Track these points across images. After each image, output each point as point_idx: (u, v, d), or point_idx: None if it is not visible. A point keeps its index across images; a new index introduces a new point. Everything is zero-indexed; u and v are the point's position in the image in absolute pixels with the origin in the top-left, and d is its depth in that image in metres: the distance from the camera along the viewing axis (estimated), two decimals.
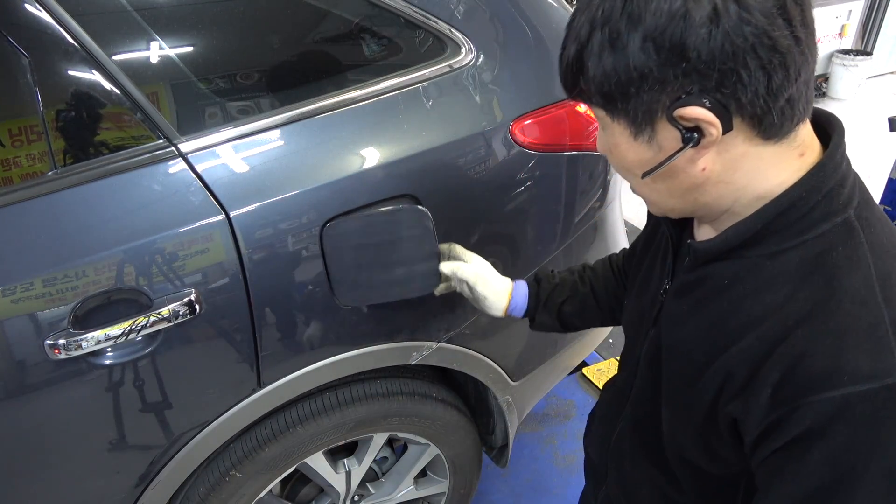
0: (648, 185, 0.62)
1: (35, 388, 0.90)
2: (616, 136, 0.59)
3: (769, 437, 0.55)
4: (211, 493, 1.16)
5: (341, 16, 1.15)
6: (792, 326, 0.54)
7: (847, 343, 0.51)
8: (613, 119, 0.58)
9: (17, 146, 0.93)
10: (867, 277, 0.53)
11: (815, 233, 0.56)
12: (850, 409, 0.50)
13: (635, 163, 0.60)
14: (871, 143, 4.62)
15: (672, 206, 0.63)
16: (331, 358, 1.13)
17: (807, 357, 0.52)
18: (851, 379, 0.50)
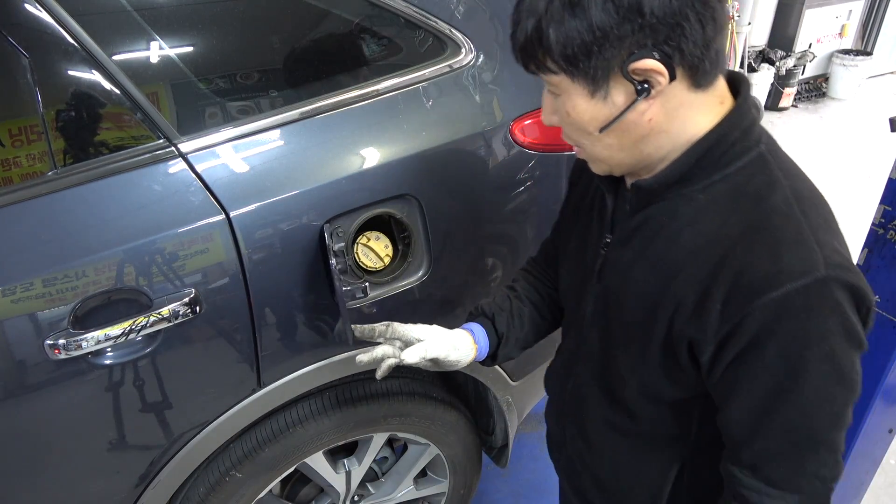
0: (601, 142, 0.67)
1: (35, 388, 0.90)
2: (574, 98, 0.64)
3: (724, 350, 0.63)
4: (211, 493, 1.16)
5: (341, 16, 1.15)
6: (729, 246, 0.62)
7: (779, 250, 0.60)
8: (574, 81, 0.63)
9: (17, 146, 0.93)
10: (785, 196, 0.63)
11: (737, 165, 0.66)
12: (790, 303, 0.58)
13: (592, 121, 0.65)
14: (871, 143, 4.62)
15: (620, 160, 0.69)
16: (331, 358, 1.13)
17: (747, 269, 0.61)
18: (788, 278, 0.58)
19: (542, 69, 0.64)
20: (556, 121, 0.70)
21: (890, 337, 1.19)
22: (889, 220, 1.15)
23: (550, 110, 0.70)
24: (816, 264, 0.58)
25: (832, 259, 0.59)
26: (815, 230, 0.61)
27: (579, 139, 0.69)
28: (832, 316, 0.59)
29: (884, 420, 1.33)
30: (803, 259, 0.59)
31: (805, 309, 0.58)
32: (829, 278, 0.58)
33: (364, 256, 1.09)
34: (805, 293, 0.58)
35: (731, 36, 4.42)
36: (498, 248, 1.26)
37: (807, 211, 0.62)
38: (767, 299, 0.59)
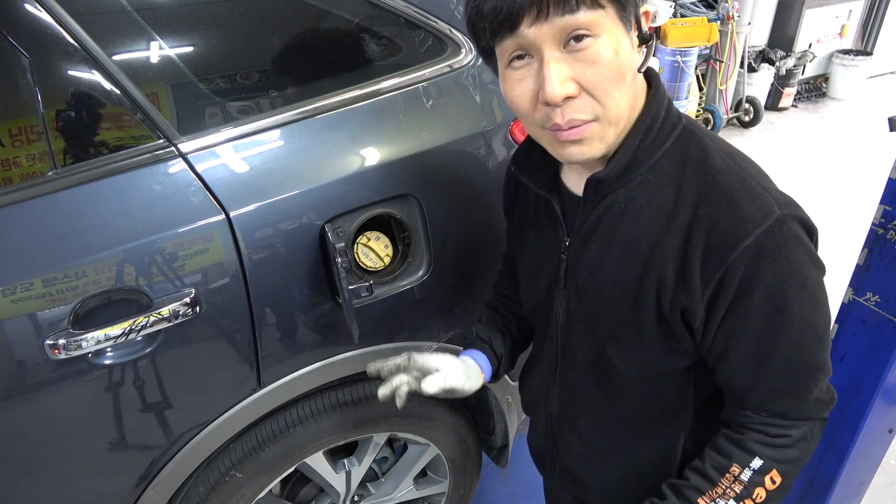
0: (627, 95, 0.66)
1: (35, 388, 0.90)
2: (618, 35, 0.62)
3: (714, 308, 0.67)
4: (211, 493, 1.15)
5: (341, 16, 1.15)
6: (691, 211, 0.67)
7: (736, 201, 0.65)
8: (620, 19, 0.62)
9: (17, 146, 0.93)
10: (720, 155, 0.68)
11: (671, 140, 0.70)
12: (762, 246, 0.63)
13: (632, 61, 0.65)
14: (871, 143, 4.62)
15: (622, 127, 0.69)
16: (331, 358, 1.13)
17: (714, 226, 0.65)
18: (753, 224, 0.63)
19: (586, 3, 0.59)
20: (572, 89, 0.62)
21: (890, 337, 1.19)
22: (889, 220, 1.15)
23: (565, 75, 0.62)
24: (771, 206, 0.64)
25: (780, 199, 0.65)
26: (756, 178, 0.67)
27: (613, 92, 0.64)
28: (797, 247, 0.64)
29: (884, 420, 1.33)
30: (759, 204, 0.64)
31: (775, 248, 0.63)
32: (785, 216, 0.64)
33: (364, 256, 1.09)
34: (771, 233, 0.63)
35: (731, 36, 4.42)
36: (498, 248, 1.25)
37: (742, 164, 0.68)
38: (742, 248, 0.63)
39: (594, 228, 0.75)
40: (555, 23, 0.60)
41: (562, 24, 0.60)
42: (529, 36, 0.61)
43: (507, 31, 0.62)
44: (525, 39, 0.62)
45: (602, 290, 0.76)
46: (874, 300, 1.20)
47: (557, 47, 0.61)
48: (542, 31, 0.60)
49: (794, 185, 3.98)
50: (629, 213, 0.71)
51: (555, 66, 0.62)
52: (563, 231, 0.79)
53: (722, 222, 0.64)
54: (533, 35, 0.61)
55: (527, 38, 0.61)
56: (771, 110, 5.24)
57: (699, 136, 0.71)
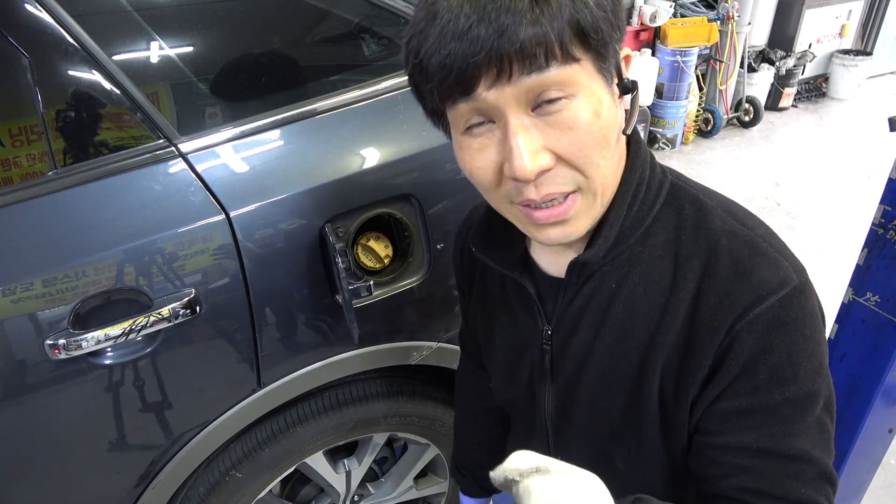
0: (612, 159, 0.56)
1: (35, 388, 0.90)
2: (598, 92, 0.51)
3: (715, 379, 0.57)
4: (211, 493, 1.15)
5: (341, 16, 1.15)
6: (694, 286, 0.57)
7: (746, 268, 0.56)
8: (599, 70, 0.51)
9: (17, 146, 0.93)
10: (719, 216, 0.59)
11: (660, 202, 0.61)
12: (777, 317, 0.54)
13: (615, 120, 0.54)
14: (871, 143, 4.62)
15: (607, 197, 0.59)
16: (330, 358, 1.13)
17: (723, 297, 0.56)
18: (767, 291, 0.54)
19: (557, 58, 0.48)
20: (547, 161, 0.51)
21: (890, 337, 1.19)
22: (889, 220, 1.15)
23: (538, 145, 0.51)
24: (788, 273, 0.55)
25: (796, 265, 0.57)
26: (766, 239, 0.58)
27: (596, 159, 0.53)
28: (814, 325, 0.56)
29: (884, 420, 1.33)
30: (774, 270, 0.55)
31: (793, 320, 0.55)
32: (803, 285, 0.56)
33: (364, 256, 1.09)
34: (788, 304, 0.55)
35: (731, 36, 4.42)
36: None
37: (745, 221, 0.59)
38: (753, 316, 0.54)
39: (581, 314, 0.64)
40: (520, 84, 0.48)
41: (528, 85, 0.48)
42: (489, 100, 0.49)
43: (460, 95, 0.50)
44: (484, 104, 0.50)
45: (596, 385, 0.65)
46: (874, 300, 1.20)
47: (525, 111, 0.50)
48: (505, 93, 0.48)
49: (794, 186, 3.98)
50: (622, 295, 0.61)
51: (523, 136, 0.50)
52: (542, 318, 0.68)
53: (731, 291, 0.55)
54: (493, 99, 0.49)
55: (486, 102, 0.49)
56: (771, 110, 5.24)
57: (692, 192, 0.61)
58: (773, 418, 0.56)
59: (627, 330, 0.62)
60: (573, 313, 0.65)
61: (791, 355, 0.55)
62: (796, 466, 0.57)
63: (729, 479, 0.58)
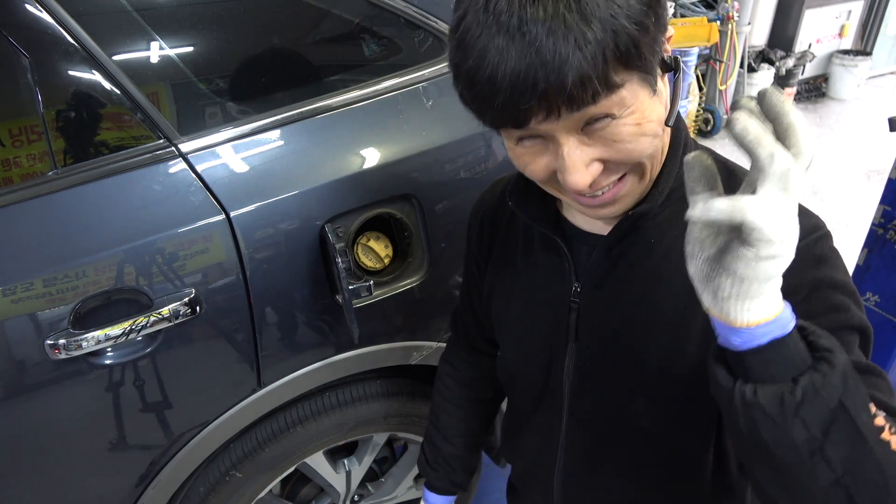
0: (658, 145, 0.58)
1: (35, 388, 0.90)
2: (642, 104, 0.53)
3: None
4: (211, 493, 1.16)
5: (341, 16, 1.15)
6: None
7: None
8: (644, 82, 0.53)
9: (17, 146, 0.93)
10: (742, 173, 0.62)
11: None
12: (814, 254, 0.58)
13: (659, 119, 0.56)
14: (871, 143, 4.62)
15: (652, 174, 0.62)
16: (331, 358, 1.13)
17: None
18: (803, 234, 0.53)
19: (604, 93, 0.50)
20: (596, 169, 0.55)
21: (890, 337, 1.19)
22: (889, 220, 1.15)
23: (588, 160, 0.54)
24: (818, 223, 0.60)
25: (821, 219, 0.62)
26: None
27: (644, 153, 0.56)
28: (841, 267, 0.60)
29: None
30: (805, 218, 0.59)
31: (826, 257, 0.58)
32: (828, 234, 0.61)
33: (364, 256, 1.09)
34: (823, 243, 0.59)
35: (731, 36, 4.42)
36: None
37: None
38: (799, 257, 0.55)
39: (613, 268, 0.66)
40: (569, 118, 0.51)
41: (577, 117, 0.51)
42: (540, 129, 0.53)
43: (513, 127, 0.54)
44: (536, 131, 0.54)
45: (625, 338, 0.67)
46: (874, 300, 1.21)
47: (574, 133, 0.53)
48: (556, 125, 0.52)
49: None
50: (659, 249, 0.63)
51: (574, 154, 0.53)
52: (572, 276, 0.70)
53: None
54: (544, 129, 0.53)
55: (538, 130, 0.53)
56: None
57: (721, 158, 0.65)
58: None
59: (663, 280, 0.63)
60: (607, 268, 0.67)
61: (836, 286, 0.58)
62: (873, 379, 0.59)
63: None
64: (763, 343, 0.45)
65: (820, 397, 0.44)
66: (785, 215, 0.42)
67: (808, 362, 0.45)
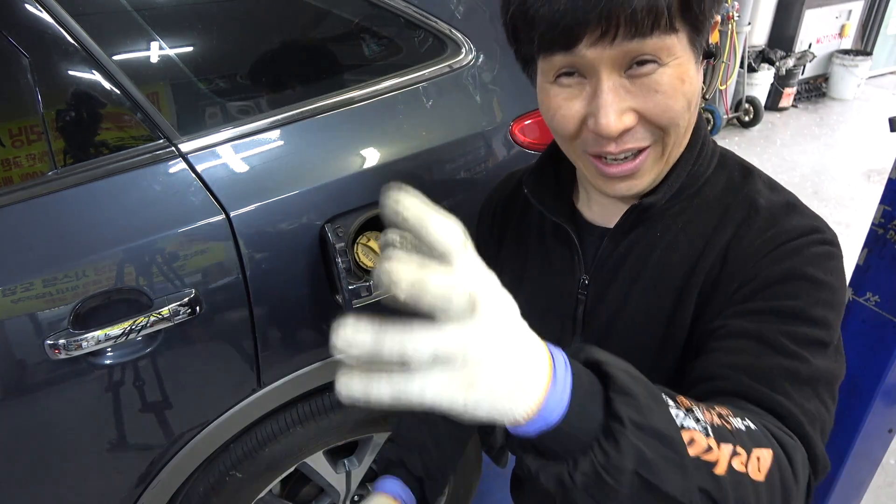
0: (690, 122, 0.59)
1: (35, 388, 0.90)
2: (687, 63, 0.54)
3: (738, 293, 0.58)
4: (211, 493, 1.15)
5: (341, 16, 1.15)
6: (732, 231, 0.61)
7: (780, 216, 0.60)
8: (692, 42, 0.54)
9: (17, 146, 0.93)
10: (763, 181, 0.64)
11: (713, 166, 0.65)
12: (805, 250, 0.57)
13: (698, 87, 0.57)
14: (871, 143, 4.62)
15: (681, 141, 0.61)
16: (330, 358, 1.13)
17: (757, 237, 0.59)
18: (798, 232, 0.58)
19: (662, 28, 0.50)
20: (630, 120, 0.54)
21: (890, 337, 1.19)
22: (889, 220, 1.15)
23: (625, 106, 0.54)
24: (822, 225, 0.60)
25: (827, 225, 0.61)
26: (801, 203, 0.62)
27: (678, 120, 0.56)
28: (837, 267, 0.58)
29: (884, 420, 1.33)
30: (809, 219, 0.59)
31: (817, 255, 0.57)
32: (835, 239, 0.59)
33: (364, 256, 1.09)
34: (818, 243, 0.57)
35: (731, 36, 4.42)
36: None
37: (781, 191, 0.64)
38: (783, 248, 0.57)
39: (622, 261, 0.67)
40: (621, 47, 0.50)
41: (627, 49, 0.50)
42: (588, 57, 0.51)
43: (560, 48, 0.52)
44: (581, 60, 0.52)
45: (628, 332, 0.67)
46: (874, 300, 1.20)
47: (618, 72, 0.52)
48: (604, 54, 0.51)
49: (794, 186, 3.98)
50: (663, 243, 0.64)
51: (612, 96, 0.53)
52: (580, 267, 0.70)
53: (766, 233, 0.59)
54: (591, 56, 0.51)
55: (584, 58, 0.51)
56: (771, 110, 5.24)
57: (738, 160, 0.66)
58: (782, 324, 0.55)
59: (664, 274, 0.64)
60: (615, 260, 0.67)
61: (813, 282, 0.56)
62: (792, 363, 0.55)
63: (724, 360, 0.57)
64: (532, 434, 0.39)
65: (602, 480, 0.39)
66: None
67: (595, 434, 0.40)
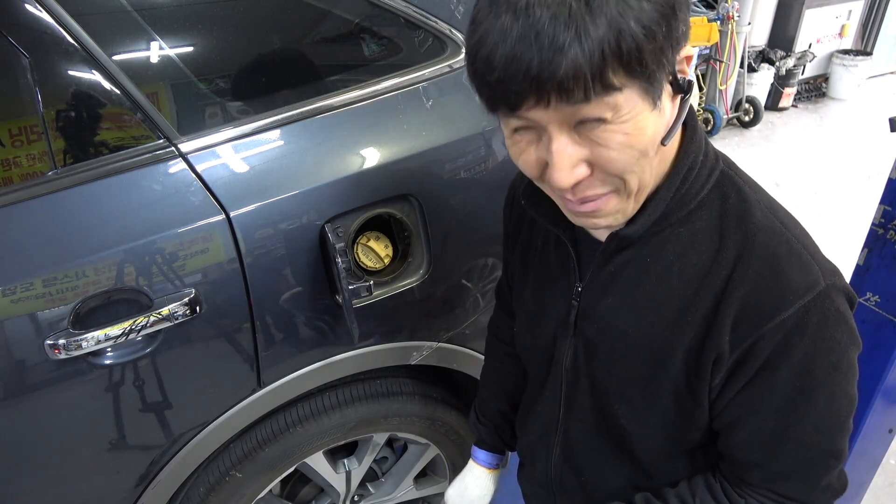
0: (649, 167, 0.57)
1: (35, 388, 0.90)
2: (637, 116, 0.52)
3: (735, 375, 0.61)
4: (211, 493, 1.16)
5: (341, 16, 1.15)
6: (728, 273, 0.60)
7: (779, 268, 0.58)
8: (645, 94, 0.51)
9: (17, 146, 0.93)
10: (761, 210, 0.61)
11: (706, 190, 0.62)
12: (802, 321, 0.57)
13: (655, 136, 0.54)
14: (871, 143, 4.62)
15: (644, 193, 0.60)
16: (331, 358, 1.13)
17: (752, 292, 0.58)
18: (795, 296, 0.57)
19: (597, 92, 0.48)
20: (583, 172, 0.55)
21: (890, 337, 1.19)
22: (889, 220, 1.15)
23: (575, 160, 0.53)
24: (817, 276, 0.57)
25: (825, 267, 0.59)
26: (801, 241, 0.60)
27: (633, 168, 0.55)
28: (838, 325, 0.58)
29: (884, 420, 1.33)
30: (805, 273, 0.57)
31: (815, 324, 0.57)
32: (830, 288, 0.58)
33: (364, 256, 1.09)
34: (813, 308, 0.57)
35: (731, 36, 4.42)
36: (498, 248, 1.25)
37: (785, 222, 0.61)
38: (779, 321, 0.57)
39: (613, 280, 0.68)
40: (560, 111, 0.50)
41: (568, 112, 0.50)
42: (532, 117, 0.52)
43: (507, 109, 0.52)
44: (528, 120, 0.53)
45: (616, 346, 0.69)
46: (874, 300, 1.20)
47: (566, 129, 0.52)
48: (547, 115, 0.51)
49: (794, 186, 3.98)
50: (656, 269, 0.64)
51: (562, 151, 0.53)
52: (575, 275, 0.72)
53: (761, 288, 0.58)
54: (536, 118, 0.52)
55: (530, 119, 0.52)
56: (771, 110, 5.24)
57: (738, 183, 0.63)
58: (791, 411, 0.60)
59: (658, 303, 0.64)
60: (605, 277, 0.68)
61: (809, 354, 0.58)
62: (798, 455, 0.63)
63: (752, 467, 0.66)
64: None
65: None
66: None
67: None
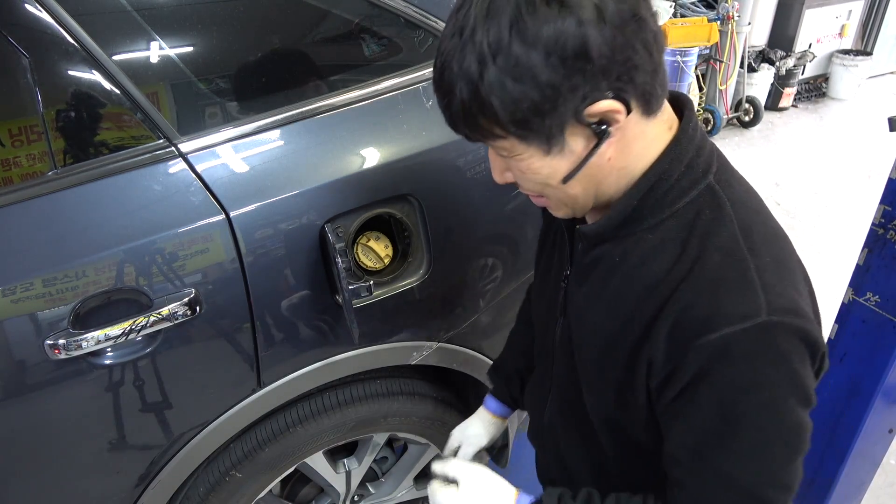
0: (564, 191, 0.63)
1: (35, 388, 0.90)
2: (528, 160, 0.60)
3: (668, 386, 0.61)
4: (211, 493, 1.16)
5: (341, 16, 1.15)
6: (676, 285, 0.60)
7: (721, 290, 0.57)
8: (527, 143, 0.58)
9: (17, 146, 0.93)
10: (732, 233, 0.60)
11: (685, 200, 0.62)
12: (727, 348, 0.56)
13: (553, 175, 0.62)
14: (871, 143, 4.62)
15: (584, 203, 0.66)
16: (331, 358, 1.13)
17: (689, 308, 0.58)
18: (725, 321, 0.56)
19: (488, 136, 0.59)
20: (511, 178, 0.66)
21: (890, 337, 1.19)
22: (889, 220, 1.15)
23: (502, 168, 0.66)
24: (758, 308, 0.55)
25: (777, 303, 0.56)
26: (761, 271, 0.57)
27: (541, 191, 0.66)
28: (776, 366, 0.56)
29: (884, 420, 1.34)
30: (743, 302, 0.56)
31: (743, 355, 0.55)
32: (773, 324, 0.55)
33: (364, 256, 1.09)
34: (744, 338, 0.55)
35: (731, 36, 4.42)
36: (498, 248, 1.26)
37: (756, 248, 0.59)
38: (704, 341, 0.56)
39: (588, 271, 0.71)
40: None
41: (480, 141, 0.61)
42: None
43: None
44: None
45: (584, 332, 0.73)
46: (874, 300, 1.21)
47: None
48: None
49: (794, 185, 3.98)
50: (622, 270, 0.66)
51: (491, 159, 0.66)
52: (567, 261, 0.78)
53: (697, 307, 0.58)
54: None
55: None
56: (771, 110, 5.24)
57: (721, 201, 0.62)
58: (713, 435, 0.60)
59: (620, 299, 0.66)
60: (583, 269, 0.72)
61: (734, 385, 0.57)
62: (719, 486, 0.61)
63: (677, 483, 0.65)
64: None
65: None
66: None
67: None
